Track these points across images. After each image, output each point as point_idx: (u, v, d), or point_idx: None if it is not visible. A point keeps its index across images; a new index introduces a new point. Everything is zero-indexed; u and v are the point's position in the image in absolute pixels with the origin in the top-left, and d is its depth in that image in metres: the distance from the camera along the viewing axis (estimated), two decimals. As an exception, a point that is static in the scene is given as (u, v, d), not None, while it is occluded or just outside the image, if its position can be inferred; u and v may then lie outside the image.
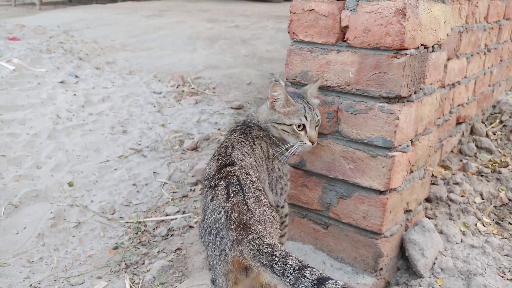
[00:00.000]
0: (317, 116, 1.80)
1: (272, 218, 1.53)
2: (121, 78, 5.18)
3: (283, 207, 1.86)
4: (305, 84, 1.92)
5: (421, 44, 1.80)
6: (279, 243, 1.38)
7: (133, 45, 6.77)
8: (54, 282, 2.20)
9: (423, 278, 1.97)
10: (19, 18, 8.83)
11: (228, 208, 1.44)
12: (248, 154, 1.68)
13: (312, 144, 1.78)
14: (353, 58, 1.78)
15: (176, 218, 2.74)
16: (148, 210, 2.85)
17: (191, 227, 2.67)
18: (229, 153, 1.66)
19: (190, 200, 2.96)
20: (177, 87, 5.08)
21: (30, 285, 2.16)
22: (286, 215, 1.90)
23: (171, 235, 2.61)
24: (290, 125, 1.75)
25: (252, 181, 1.55)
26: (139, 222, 2.71)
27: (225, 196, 1.48)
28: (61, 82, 4.69)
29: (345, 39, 1.80)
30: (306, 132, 1.76)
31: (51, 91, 4.41)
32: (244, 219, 1.41)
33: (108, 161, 3.37)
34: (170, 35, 7.45)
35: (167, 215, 2.79)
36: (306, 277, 1.20)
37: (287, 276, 1.22)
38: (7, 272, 2.24)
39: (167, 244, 2.52)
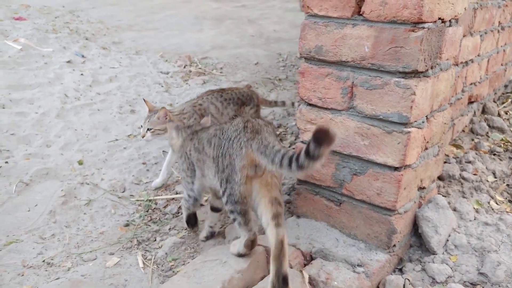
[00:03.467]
0: None
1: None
2: (128, 58, 5.15)
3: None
4: (320, 60, 1.90)
5: (439, 18, 1.76)
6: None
7: (139, 25, 6.71)
8: (67, 258, 2.21)
9: (436, 254, 1.97)
10: (23, -2, 8.75)
11: (245, 121, 1.79)
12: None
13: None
14: (369, 32, 1.75)
15: (186, 196, 2.73)
16: (158, 188, 2.85)
17: (201, 204, 2.67)
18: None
19: (200, 178, 2.95)
20: (184, 67, 5.04)
21: (43, 261, 2.17)
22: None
23: (182, 213, 2.60)
24: None
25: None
26: (150, 200, 2.71)
27: (242, 124, 1.79)
28: (68, 61, 4.66)
29: (361, 13, 1.76)
30: None
31: (58, 71, 4.39)
32: (257, 128, 1.76)
33: (117, 140, 3.36)
34: (176, 15, 7.38)
35: (177, 193, 2.79)
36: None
37: (273, 161, 1.60)
38: (20, 248, 2.25)
39: (178, 221, 2.52)
